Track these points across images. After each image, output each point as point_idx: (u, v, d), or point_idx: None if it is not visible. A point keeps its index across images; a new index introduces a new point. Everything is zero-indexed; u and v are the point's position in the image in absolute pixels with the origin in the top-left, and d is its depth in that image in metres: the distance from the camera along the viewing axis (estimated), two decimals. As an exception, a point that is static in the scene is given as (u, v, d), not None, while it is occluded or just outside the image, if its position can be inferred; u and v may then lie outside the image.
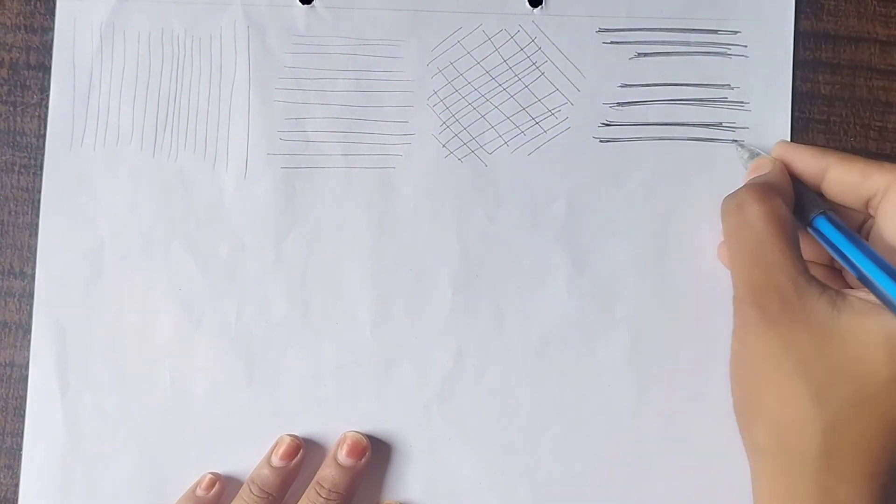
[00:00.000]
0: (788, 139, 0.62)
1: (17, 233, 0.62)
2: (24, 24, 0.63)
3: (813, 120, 0.62)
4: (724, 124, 0.62)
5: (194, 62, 0.62)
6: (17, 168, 0.62)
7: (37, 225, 0.61)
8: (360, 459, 0.59)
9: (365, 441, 0.59)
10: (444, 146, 0.62)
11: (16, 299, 0.62)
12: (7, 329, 0.61)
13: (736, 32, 0.62)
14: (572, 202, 0.61)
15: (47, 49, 0.63)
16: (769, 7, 0.62)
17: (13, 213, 0.62)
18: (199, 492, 0.59)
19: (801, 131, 0.62)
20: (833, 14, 0.63)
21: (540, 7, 0.62)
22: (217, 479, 0.59)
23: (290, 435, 0.60)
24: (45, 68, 0.62)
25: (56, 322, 0.61)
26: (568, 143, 0.62)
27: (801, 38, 0.63)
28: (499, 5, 0.62)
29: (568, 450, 0.60)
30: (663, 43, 0.62)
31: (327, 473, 0.59)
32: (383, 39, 0.62)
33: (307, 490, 0.59)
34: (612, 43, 0.62)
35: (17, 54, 0.63)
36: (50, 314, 0.61)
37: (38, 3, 0.63)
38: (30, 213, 0.62)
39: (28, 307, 0.61)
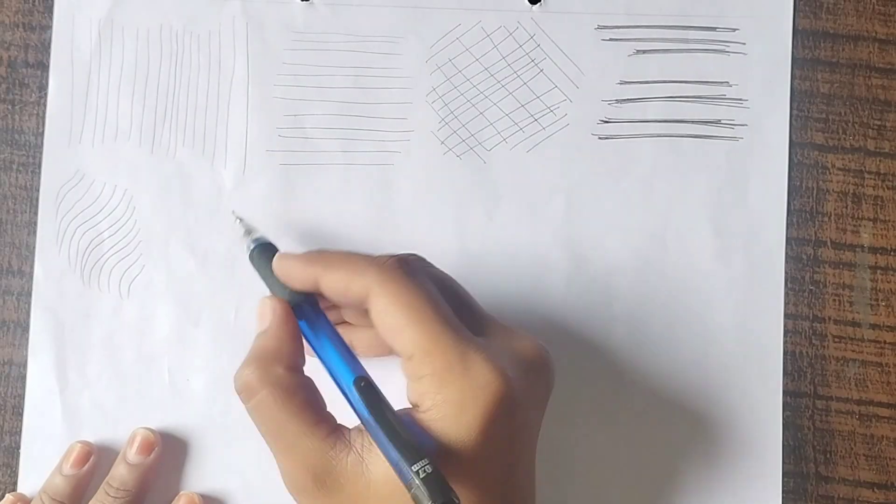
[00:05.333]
0: (787, 137, 0.62)
1: (16, 231, 0.62)
2: (23, 22, 0.63)
3: (811, 118, 0.62)
4: (722, 121, 0.62)
5: (193, 58, 0.62)
6: (15, 166, 0.62)
7: (35, 223, 0.61)
8: (149, 455, 0.59)
9: (153, 437, 0.59)
10: (442, 143, 0.62)
11: (14, 297, 0.62)
12: (5, 327, 0.61)
13: (734, 30, 0.62)
14: (571, 199, 0.61)
15: (45, 47, 0.63)
16: (768, 4, 0.62)
17: (11, 211, 0.62)
18: (67, 469, 0.59)
19: (800, 130, 0.62)
20: (832, 12, 0.63)
21: (539, 4, 0.62)
22: (90, 449, 0.60)
23: (80, 441, 0.60)
24: (44, 66, 0.62)
25: (54, 319, 0.61)
26: (566, 140, 0.62)
27: (800, 36, 0.63)
28: (498, 2, 0.62)
29: (564, 448, 0.60)
30: (662, 40, 0.62)
31: (116, 472, 0.59)
32: (382, 36, 0.62)
33: (97, 491, 0.59)
34: (610, 40, 0.62)
35: (16, 52, 0.63)
36: (48, 311, 0.61)
37: (37, 0, 0.63)
38: (28, 211, 0.62)
39: (26, 306, 0.61)
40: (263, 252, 0.55)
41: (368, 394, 0.48)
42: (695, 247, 0.61)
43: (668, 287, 0.61)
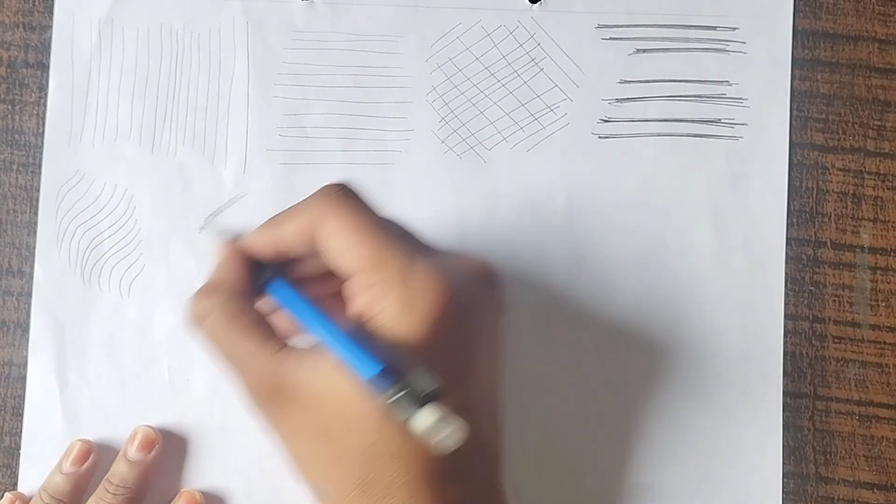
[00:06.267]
0: (787, 136, 0.62)
1: (16, 231, 0.62)
2: (23, 23, 0.63)
3: (811, 119, 0.62)
4: (722, 121, 0.62)
5: (193, 58, 0.62)
6: (15, 166, 0.62)
7: (35, 224, 0.61)
8: (150, 453, 0.59)
9: (154, 435, 0.60)
10: (442, 142, 0.62)
11: (14, 298, 0.61)
12: (5, 328, 0.61)
13: (735, 29, 0.62)
14: (571, 198, 0.61)
15: (45, 47, 0.63)
16: (768, 4, 0.62)
17: (11, 211, 0.62)
18: (67, 468, 0.59)
19: (800, 130, 0.62)
20: (832, 13, 0.63)
21: (539, 3, 0.62)
22: (90, 447, 0.60)
23: (80, 440, 0.60)
24: (44, 66, 0.63)
25: (55, 318, 0.61)
26: (567, 140, 0.62)
27: (800, 36, 0.63)
28: (498, 1, 0.62)
29: (565, 447, 0.60)
30: (662, 39, 0.62)
31: (116, 469, 0.59)
32: (382, 35, 0.62)
33: (97, 489, 0.59)
34: (610, 39, 0.62)
35: (16, 52, 0.63)
36: (48, 311, 0.61)
37: (37, 1, 0.63)
38: (28, 211, 0.62)
39: (26, 306, 0.61)
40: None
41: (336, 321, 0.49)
42: (695, 246, 0.61)
43: (667, 286, 0.61)
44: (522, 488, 0.60)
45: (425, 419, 0.43)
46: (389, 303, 0.47)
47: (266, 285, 0.52)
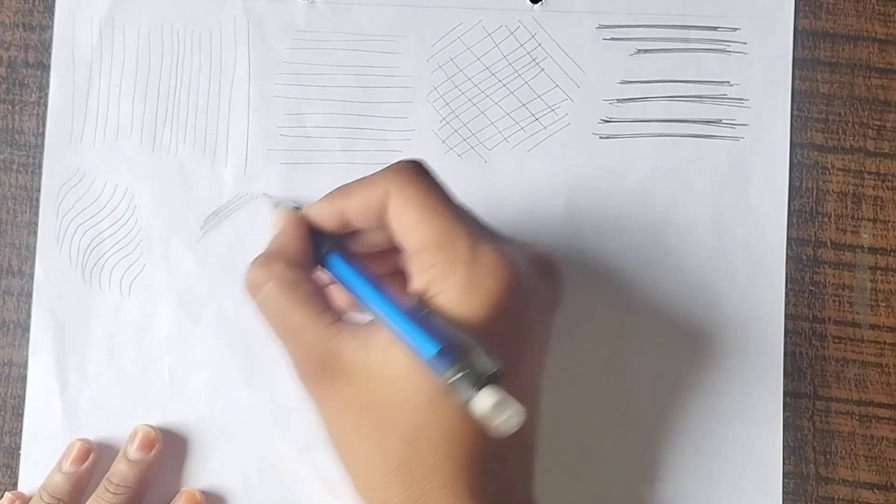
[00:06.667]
0: (788, 136, 0.62)
1: (16, 231, 0.62)
2: (23, 23, 0.63)
3: (811, 119, 0.62)
4: (723, 121, 0.62)
5: (194, 57, 0.62)
6: (15, 166, 0.62)
7: (35, 224, 0.61)
8: (150, 452, 0.59)
9: (154, 434, 0.60)
10: (443, 142, 0.62)
11: (14, 298, 0.61)
12: (5, 328, 0.61)
13: (736, 29, 0.62)
14: (572, 198, 0.62)
15: (45, 47, 0.63)
16: (769, 4, 0.62)
17: (11, 211, 0.62)
18: (67, 467, 0.59)
19: (800, 130, 0.62)
20: (832, 13, 0.63)
21: (540, 3, 0.62)
22: (90, 447, 0.60)
23: (80, 439, 0.60)
24: (44, 66, 0.62)
25: (55, 318, 0.61)
26: (568, 140, 0.62)
27: (800, 36, 0.63)
28: (499, 1, 0.62)
29: (565, 447, 0.60)
30: (663, 39, 0.62)
31: (117, 469, 0.59)
32: (383, 35, 0.62)
33: (97, 488, 0.59)
34: (611, 39, 0.62)
35: (16, 52, 0.63)
36: (49, 310, 0.61)
37: (37, 1, 0.63)
38: (28, 211, 0.62)
39: (27, 306, 0.61)
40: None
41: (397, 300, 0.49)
42: (695, 246, 0.61)
43: (668, 286, 0.61)
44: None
45: (486, 401, 0.43)
46: (453, 282, 0.47)
47: (325, 257, 0.52)
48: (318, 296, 0.50)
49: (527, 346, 0.50)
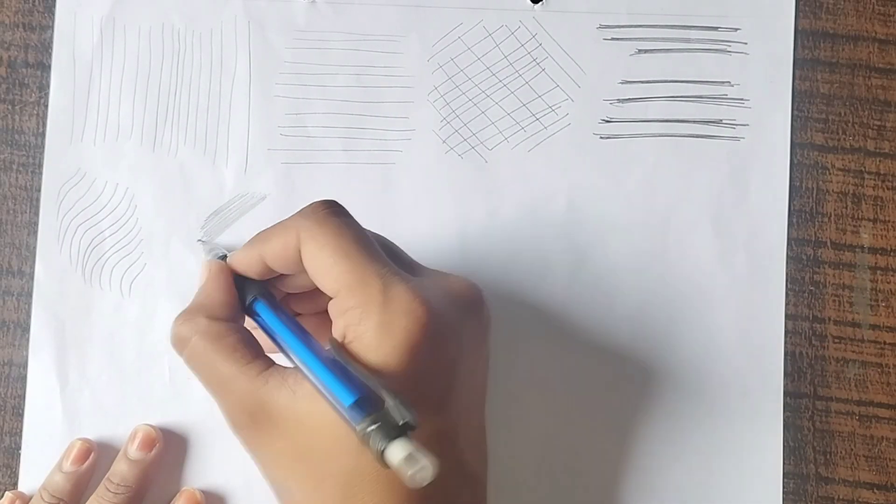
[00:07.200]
0: (788, 137, 0.62)
1: (16, 231, 0.62)
2: (23, 23, 0.63)
3: (811, 119, 0.63)
4: (724, 121, 0.62)
5: (194, 57, 0.62)
6: (15, 166, 0.62)
7: (35, 223, 0.61)
8: (150, 452, 0.59)
9: (154, 434, 0.60)
10: (444, 142, 0.62)
11: (14, 298, 0.61)
12: (5, 328, 0.61)
13: (736, 30, 0.62)
14: (572, 198, 0.62)
15: (45, 47, 0.63)
16: (769, 4, 0.62)
17: (11, 211, 0.62)
18: (67, 466, 0.59)
19: (800, 130, 0.62)
20: (832, 13, 0.63)
21: (541, 3, 0.62)
22: (90, 446, 0.60)
23: (80, 439, 0.60)
24: (44, 66, 0.62)
25: (55, 317, 0.61)
26: (568, 140, 0.62)
27: (800, 36, 0.63)
28: (499, 1, 0.62)
29: (565, 446, 0.60)
30: (664, 40, 0.62)
31: (117, 468, 0.59)
32: (384, 35, 0.62)
33: (98, 487, 0.59)
34: (612, 39, 0.62)
35: (16, 52, 0.63)
36: (49, 309, 0.61)
37: (37, 1, 0.63)
38: (28, 211, 0.62)
39: (27, 306, 0.61)
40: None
41: (312, 346, 0.49)
42: (696, 247, 0.61)
43: (668, 287, 0.61)
44: (523, 489, 0.60)
45: (397, 453, 0.42)
46: (368, 326, 0.47)
47: (251, 305, 0.52)
48: (247, 345, 0.50)
49: (454, 381, 0.49)
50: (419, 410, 0.44)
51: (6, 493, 0.59)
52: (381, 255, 0.50)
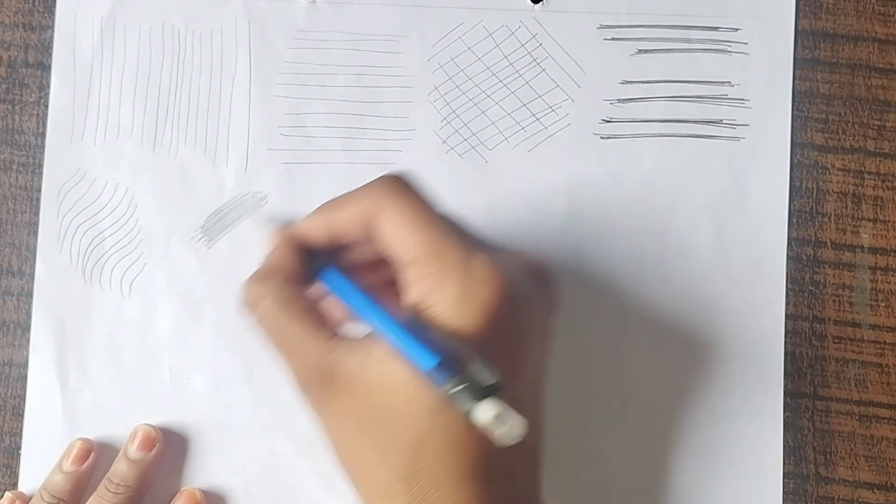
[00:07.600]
0: (788, 137, 0.62)
1: (16, 231, 0.62)
2: (23, 23, 0.63)
3: (811, 119, 0.63)
4: (724, 121, 0.62)
5: (195, 57, 0.62)
6: (15, 166, 0.62)
7: (35, 223, 0.61)
8: (150, 452, 0.59)
9: (155, 434, 0.60)
10: (444, 142, 0.62)
11: (14, 298, 0.61)
12: (5, 328, 0.61)
13: (736, 30, 0.62)
14: (572, 198, 0.62)
15: (45, 47, 0.63)
16: (770, 4, 0.62)
17: (11, 211, 0.62)
18: (67, 466, 0.59)
19: (800, 130, 0.62)
20: (832, 13, 0.63)
21: (541, 3, 0.62)
22: (90, 446, 0.60)
23: (80, 438, 0.60)
24: (44, 66, 0.62)
25: (55, 317, 0.61)
26: (568, 140, 0.62)
27: (800, 36, 0.63)
28: (500, 1, 0.62)
29: (567, 450, 0.60)
30: (664, 40, 0.62)
31: (117, 468, 0.59)
32: (384, 35, 0.62)
33: (98, 487, 0.59)
34: (612, 39, 0.62)
35: (16, 52, 0.63)
36: (49, 309, 0.61)
37: (37, 1, 0.63)
38: (28, 211, 0.62)
39: (27, 306, 0.61)
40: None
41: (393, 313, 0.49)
42: (696, 247, 0.61)
43: (668, 286, 0.61)
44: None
45: (486, 412, 0.43)
46: (446, 294, 0.47)
47: (318, 273, 0.52)
48: (315, 312, 0.50)
49: (525, 353, 0.50)
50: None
51: (6, 493, 0.59)
52: (458, 226, 0.51)
